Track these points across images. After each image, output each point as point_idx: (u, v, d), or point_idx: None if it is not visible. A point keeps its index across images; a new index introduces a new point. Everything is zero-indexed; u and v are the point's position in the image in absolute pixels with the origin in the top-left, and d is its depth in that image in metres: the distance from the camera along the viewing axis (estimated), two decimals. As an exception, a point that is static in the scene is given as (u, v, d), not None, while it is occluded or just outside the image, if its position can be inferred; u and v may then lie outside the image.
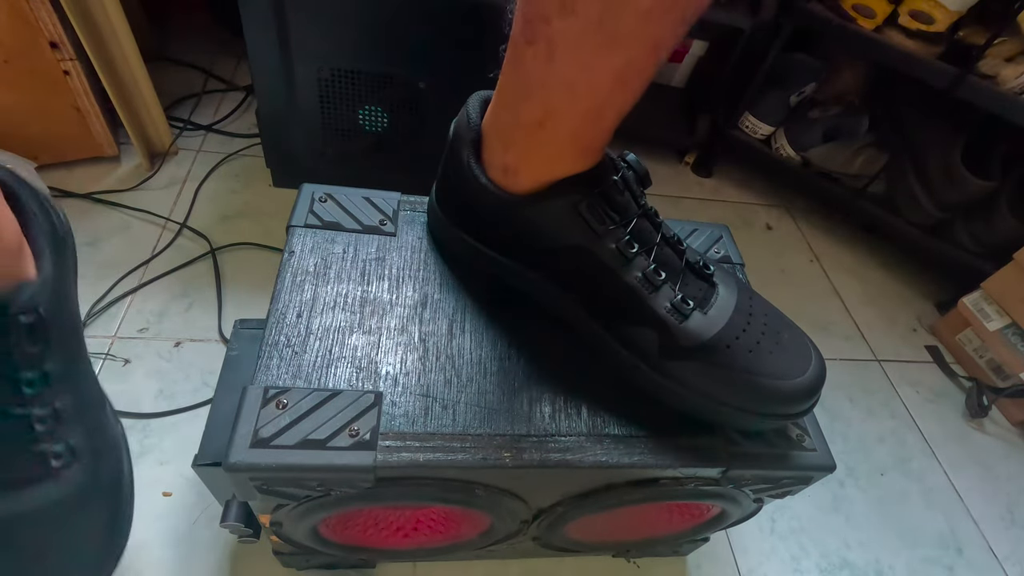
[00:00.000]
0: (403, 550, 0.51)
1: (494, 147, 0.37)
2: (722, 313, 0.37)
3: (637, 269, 0.36)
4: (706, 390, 0.36)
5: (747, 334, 0.36)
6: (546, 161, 0.35)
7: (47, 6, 0.68)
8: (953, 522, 0.73)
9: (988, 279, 0.88)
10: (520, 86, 0.33)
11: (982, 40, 0.81)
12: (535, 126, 0.33)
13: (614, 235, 0.36)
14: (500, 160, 0.37)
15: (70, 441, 0.35)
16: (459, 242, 0.42)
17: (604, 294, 0.37)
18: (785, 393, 0.35)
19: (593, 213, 0.35)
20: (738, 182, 1.17)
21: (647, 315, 0.36)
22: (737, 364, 0.35)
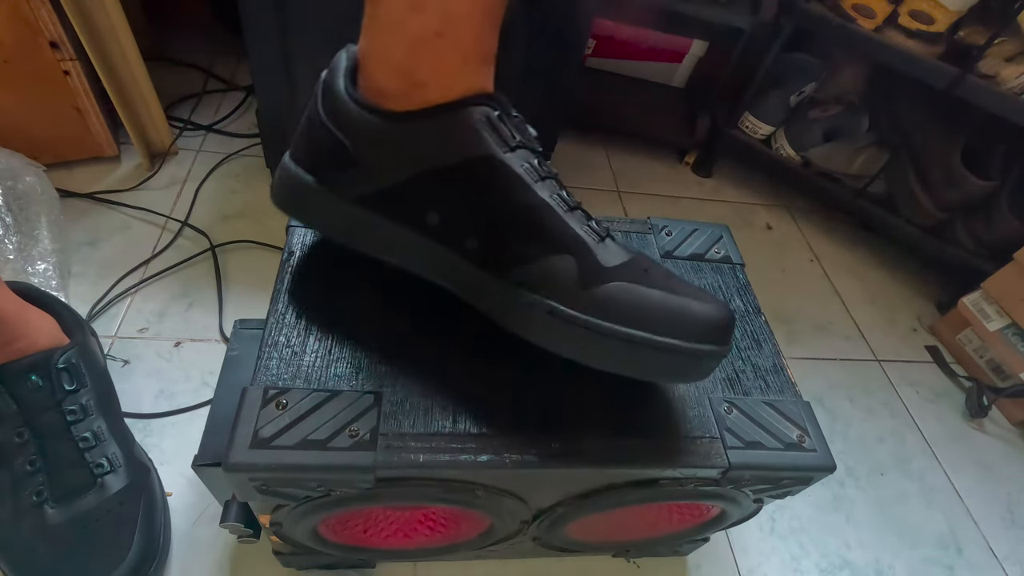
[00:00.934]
0: (403, 550, 0.51)
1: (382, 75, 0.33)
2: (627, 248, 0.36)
3: (549, 190, 0.34)
4: (632, 316, 0.32)
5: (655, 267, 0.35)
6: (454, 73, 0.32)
7: (47, 6, 0.68)
8: (953, 522, 0.73)
9: (988, 279, 0.88)
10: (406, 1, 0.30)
11: (982, 40, 0.81)
12: (434, 37, 0.31)
13: (523, 154, 0.34)
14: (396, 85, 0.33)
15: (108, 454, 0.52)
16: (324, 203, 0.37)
17: (512, 219, 0.34)
18: (708, 317, 0.32)
19: (504, 126, 0.33)
20: (738, 182, 1.17)
21: (565, 236, 0.33)
22: (658, 284, 0.33)
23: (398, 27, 0.31)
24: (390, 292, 0.41)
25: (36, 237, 0.70)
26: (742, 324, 0.46)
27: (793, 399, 0.42)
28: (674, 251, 0.50)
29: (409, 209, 0.35)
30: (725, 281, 0.49)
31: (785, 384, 0.43)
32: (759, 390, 0.42)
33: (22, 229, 0.69)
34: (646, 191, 1.10)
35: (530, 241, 0.34)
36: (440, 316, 0.41)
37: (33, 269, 0.68)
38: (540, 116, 0.86)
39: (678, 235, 0.52)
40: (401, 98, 0.33)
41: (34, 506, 0.49)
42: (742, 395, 0.41)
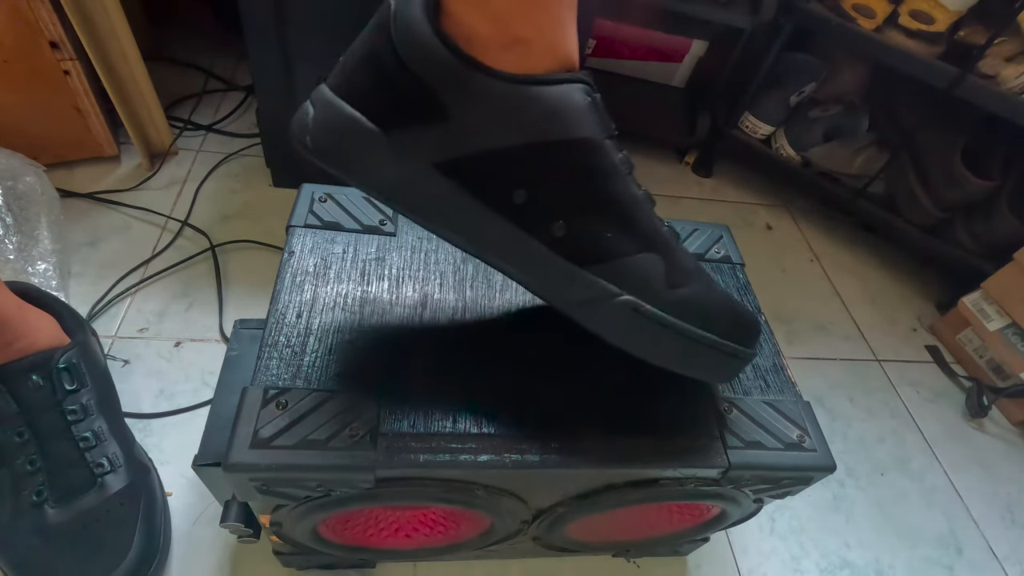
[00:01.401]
0: (403, 550, 0.51)
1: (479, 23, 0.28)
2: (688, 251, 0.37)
3: (636, 185, 0.33)
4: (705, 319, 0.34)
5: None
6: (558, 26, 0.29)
7: (47, 6, 0.68)
8: (953, 522, 0.73)
9: (988, 279, 0.88)
10: None
11: (982, 40, 0.81)
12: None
13: (614, 144, 0.32)
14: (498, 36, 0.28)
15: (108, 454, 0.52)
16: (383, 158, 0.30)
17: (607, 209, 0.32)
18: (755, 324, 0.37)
19: (604, 112, 0.32)
20: (738, 182, 1.17)
21: (656, 233, 0.33)
22: (718, 288, 0.36)
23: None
24: (391, 291, 0.41)
25: (36, 237, 0.70)
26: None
27: (793, 399, 0.42)
28: (674, 251, 0.50)
29: (497, 183, 0.31)
30: (725, 281, 0.49)
31: (785, 384, 0.43)
32: (759, 390, 0.42)
33: (22, 229, 0.69)
34: (646, 191, 1.10)
35: (623, 235, 0.32)
36: (440, 317, 0.41)
37: (33, 269, 0.68)
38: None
39: (678, 235, 0.52)
40: (496, 52, 0.28)
41: (34, 506, 0.49)
42: (742, 395, 0.41)
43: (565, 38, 0.30)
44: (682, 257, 0.34)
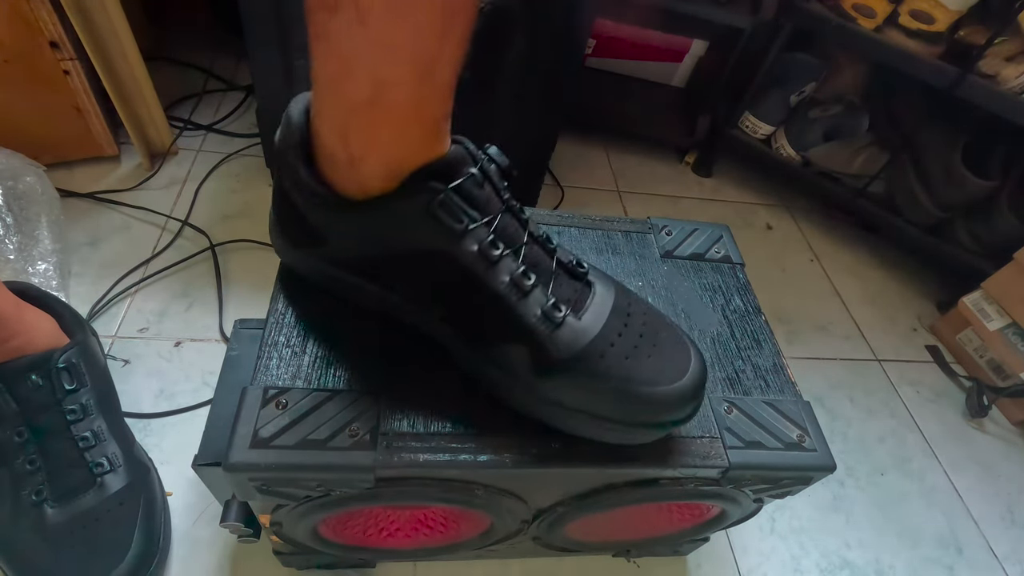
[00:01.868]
0: (403, 550, 0.51)
1: (330, 144, 0.31)
2: (597, 316, 0.34)
3: (504, 272, 0.33)
4: (582, 406, 0.34)
5: (623, 338, 0.34)
6: (392, 144, 0.30)
7: (47, 6, 0.68)
8: (953, 522, 0.73)
9: (988, 279, 0.88)
10: (335, 64, 0.28)
11: (982, 40, 0.81)
12: (366, 105, 0.28)
13: (475, 235, 0.32)
14: (341, 154, 0.31)
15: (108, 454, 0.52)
16: (306, 264, 0.39)
17: (469, 306, 0.34)
18: (666, 399, 0.33)
19: (449, 211, 0.31)
20: (738, 182, 1.17)
21: (516, 327, 0.33)
22: (612, 373, 0.33)
23: (333, 91, 0.30)
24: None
25: (36, 237, 0.70)
26: (742, 324, 0.46)
27: (793, 399, 0.42)
28: (674, 251, 0.50)
29: (379, 280, 0.36)
30: (725, 281, 0.49)
31: (785, 384, 0.43)
32: (759, 390, 0.42)
33: (22, 229, 0.69)
34: (646, 191, 1.10)
35: (487, 328, 0.34)
36: (440, 316, 0.41)
37: (33, 269, 0.68)
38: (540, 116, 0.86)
39: (678, 235, 0.52)
40: (346, 168, 0.32)
41: (34, 505, 0.49)
42: (742, 395, 0.41)
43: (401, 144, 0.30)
44: (557, 345, 0.33)
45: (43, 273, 0.68)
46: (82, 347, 0.54)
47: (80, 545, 0.48)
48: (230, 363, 0.41)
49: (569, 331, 0.33)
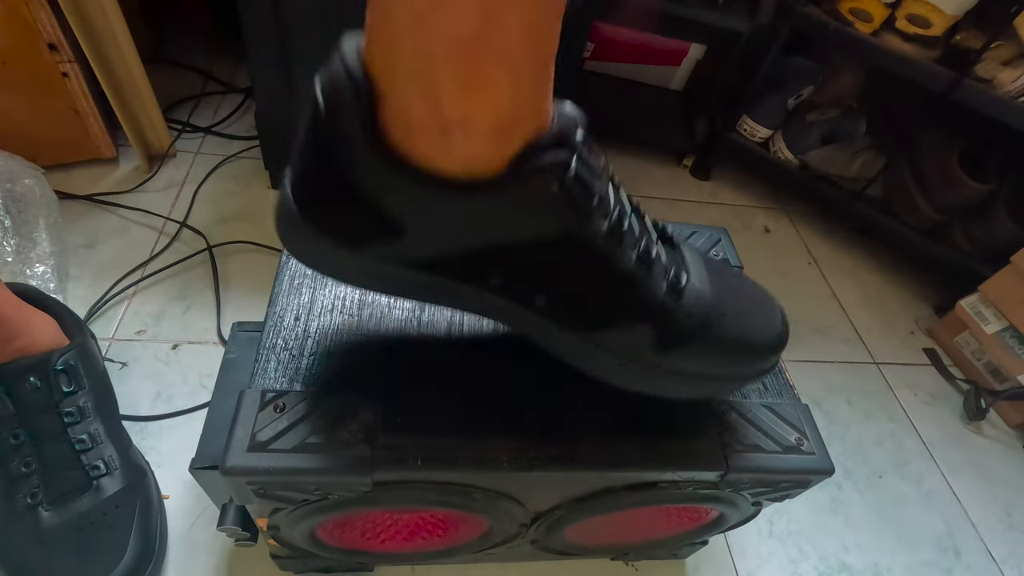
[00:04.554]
0: (401, 554, 0.50)
1: (410, 104, 0.23)
2: (702, 278, 0.32)
3: (631, 247, 0.29)
4: (708, 371, 0.33)
5: (727, 295, 0.33)
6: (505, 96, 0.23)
7: (46, 8, 0.68)
8: (951, 525, 0.73)
9: (986, 282, 0.89)
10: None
11: (979, 44, 0.81)
12: (472, 42, 0.21)
13: (603, 210, 0.27)
14: (430, 118, 0.23)
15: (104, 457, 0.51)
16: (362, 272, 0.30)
17: (586, 293, 0.30)
18: (773, 343, 0.35)
19: (581, 184, 0.26)
20: (736, 185, 1.18)
21: (643, 306, 0.30)
22: (733, 332, 0.33)
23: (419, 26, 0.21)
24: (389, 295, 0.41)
25: (34, 240, 0.70)
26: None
27: (791, 402, 0.42)
28: (672, 254, 0.50)
29: (470, 271, 0.30)
30: (723, 284, 0.49)
31: (784, 387, 0.43)
32: (757, 393, 0.42)
33: (20, 232, 0.69)
34: (644, 194, 1.10)
35: (607, 309, 0.31)
36: (439, 319, 0.41)
37: (31, 271, 0.68)
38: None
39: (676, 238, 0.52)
40: (437, 136, 0.24)
41: (29, 508, 0.48)
42: (740, 398, 0.41)
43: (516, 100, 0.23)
44: (684, 319, 0.31)
45: (41, 275, 0.68)
46: (81, 349, 0.54)
47: (76, 548, 0.48)
48: (228, 366, 0.40)
49: (692, 297, 0.31)
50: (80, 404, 0.51)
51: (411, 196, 0.26)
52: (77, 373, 0.52)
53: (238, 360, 0.40)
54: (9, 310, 0.50)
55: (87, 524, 0.49)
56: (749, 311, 0.35)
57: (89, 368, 0.54)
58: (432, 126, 0.23)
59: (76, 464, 0.50)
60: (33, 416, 0.49)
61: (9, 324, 0.49)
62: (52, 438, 0.50)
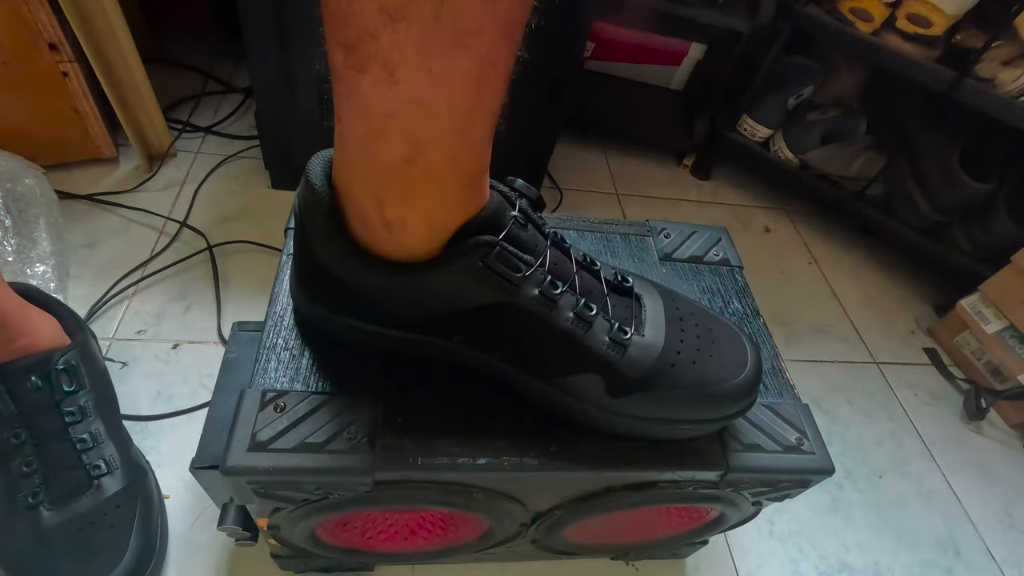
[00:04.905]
0: (401, 553, 0.50)
1: (363, 206, 0.29)
2: (657, 328, 0.35)
3: (566, 309, 0.33)
4: (662, 416, 0.35)
5: (685, 344, 0.35)
6: (432, 205, 0.29)
7: (46, 8, 0.68)
8: (951, 524, 0.73)
9: (986, 282, 0.89)
10: (366, 124, 0.26)
11: (980, 43, 0.81)
12: (403, 165, 0.27)
13: (533, 279, 0.32)
14: (377, 218, 0.29)
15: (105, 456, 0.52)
16: (350, 330, 0.36)
17: (535, 348, 0.34)
18: (739, 391, 0.35)
19: (505, 261, 0.30)
20: (736, 185, 1.18)
21: (586, 358, 0.33)
22: (686, 381, 0.34)
23: (365, 152, 0.27)
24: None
25: (35, 239, 0.70)
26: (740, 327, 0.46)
27: (792, 402, 0.42)
28: (672, 253, 0.50)
29: (437, 333, 0.35)
30: (723, 283, 0.49)
31: (784, 387, 0.43)
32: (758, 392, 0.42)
33: (21, 231, 0.69)
34: (644, 193, 1.10)
35: (555, 363, 0.34)
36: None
37: (32, 271, 0.68)
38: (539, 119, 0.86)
39: (676, 237, 0.52)
40: (383, 232, 0.30)
41: (30, 508, 0.48)
42: (740, 398, 0.41)
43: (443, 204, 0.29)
44: (629, 367, 0.33)
45: (41, 275, 0.68)
46: (82, 349, 0.54)
47: (76, 548, 0.48)
48: (228, 365, 0.40)
49: (637, 350, 0.34)
50: (81, 403, 0.51)
51: (369, 276, 0.32)
52: (78, 372, 0.52)
53: (238, 360, 0.40)
54: (11, 309, 0.50)
55: (88, 524, 0.49)
56: (709, 359, 0.35)
57: (90, 367, 0.54)
58: (379, 223, 0.30)
59: (77, 464, 0.50)
60: (34, 415, 0.49)
61: (11, 323, 0.49)
62: (53, 438, 0.50)
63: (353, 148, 0.28)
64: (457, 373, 0.38)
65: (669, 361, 0.34)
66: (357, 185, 0.29)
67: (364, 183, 0.29)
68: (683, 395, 0.34)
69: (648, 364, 0.34)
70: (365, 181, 0.29)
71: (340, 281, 0.33)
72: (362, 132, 0.27)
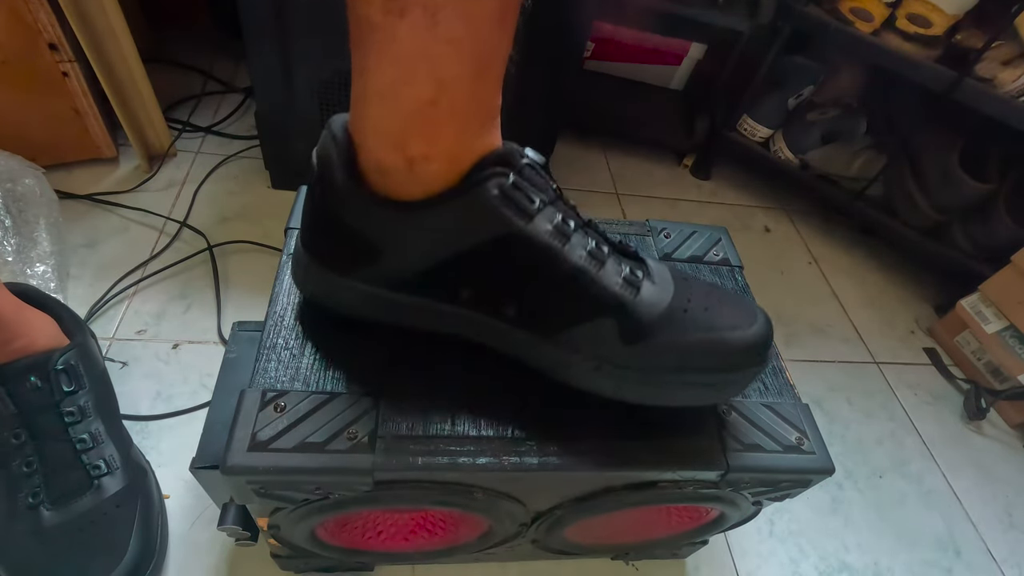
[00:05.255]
0: (401, 553, 0.50)
1: (382, 153, 0.31)
2: (665, 283, 0.35)
3: (580, 246, 0.33)
4: (676, 364, 0.34)
5: (694, 297, 0.35)
6: (455, 140, 0.31)
7: (46, 8, 0.68)
8: (951, 524, 0.73)
9: (986, 282, 0.89)
10: (395, 70, 0.28)
11: (980, 43, 0.81)
12: (428, 106, 0.29)
13: (547, 214, 0.32)
14: (398, 161, 0.31)
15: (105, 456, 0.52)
16: (355, 299, 0.36)
17: (546, 291, 0.33)
18: (751, 341, 0.34)
19: (522, 192, 0.32)
20: (736, 184, 1.18)
21: (601, 299, 0.33)
22: (700, 325, 0.34)
23: (390, 100, 0.29)
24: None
25: (35, 239, 0.70)
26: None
27: (792, 401, 0.42)
28: (672, 253, 0.50)
29: (443, 288, 0.35)
30: (723, 283, 0.49)
31: (784, 386, 0.43)
32: (758, 392, 0.42)
33: (21, 231, 0.69)
34: (644, 193, 1.10)
35: (568, 308, 0.34)
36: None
37: (32, 271, 0.68)
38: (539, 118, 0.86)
39: (676, 237, 0.52)
40: (405, 173, 0.31)
41: (30, 508, 0.48)
42: (741, 397, 0.41)
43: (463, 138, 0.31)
44: (644, 308, 0.34)
45: (41, 275, 0.68)
46: (81, 349, 0.54)
47: (77, 548, 0.48)
48: (228, 365, 0.40)
49: (650, 293, 0.34)
50: (81, 404, 0.51)
51: (385, 220, 0.33)
52: (77, 373, 0.52)
53: (238, 360, 0.40)
54: (7, 311, 0.50)
55: (88, 524, 0.49)
56: (719, 307, 0.35)
57: (89, 368, 0.54)
58: (401, 164, 0.31)
59: (77, 464, 0.50)
60: (34, 416, 0.49)
61: (8, 325, 0.49)
62: (53, 438, 0.50)
63: (377, 98, 0.29)
64: (458, 372, 0.38)
65: (681, 307, 0.34)
66: (376, 135, 0.31)
67: (387, 130, 0.30)
68: (697, 339, 0.34)
69: (662, 306, 0.34)
70: (388, 128, 0.30)
71: (353, 234, 0.33)
72: (390, 79, 0.28)
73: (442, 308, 0.35)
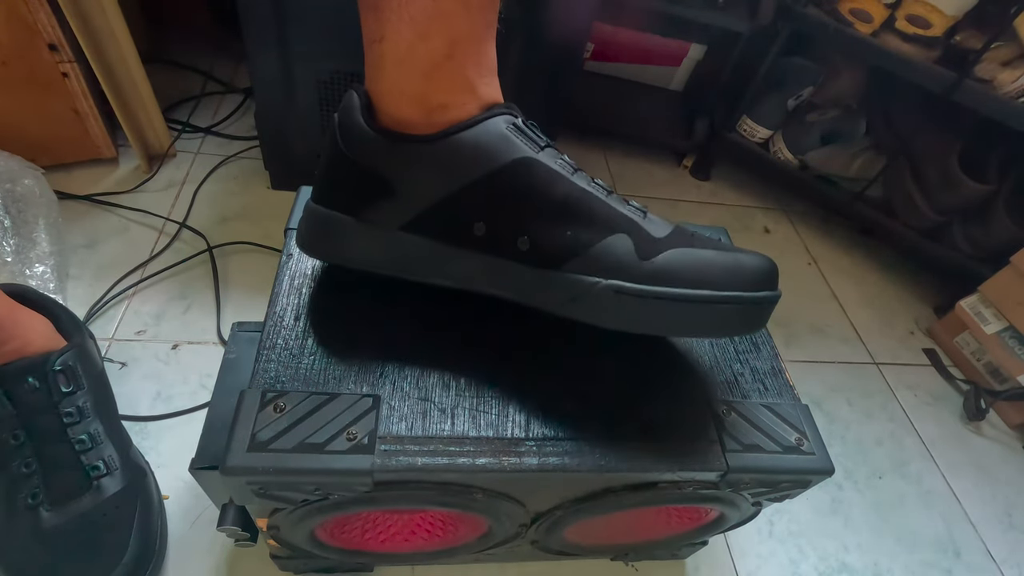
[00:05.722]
0: (401, 554, 0.50)
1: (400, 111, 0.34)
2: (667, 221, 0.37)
3: (583, 180, 0.36)
4: (694, 278, 0.34)
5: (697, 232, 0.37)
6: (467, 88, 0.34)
7: (46, 8, 0.68)
8: (951, 525, 0.73)
9: (985, 282, 0.89)
10: (412, 31, 0.32)
11: (979, 44, 0.81)
12: (444, 60, 0.32)
13: (551, 153, 0.36)
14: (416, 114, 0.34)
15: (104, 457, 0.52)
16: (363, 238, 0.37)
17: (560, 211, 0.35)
18: (760, 266, 0.35)
19: (530, 130, 0.35)
20: (736, 185, 1.18)
21: (614, 217, 0.35)
22: (709, 245, 0.35)
23: (408, 59, 0.32)
24: (388, 293, 0.41)
25: (34, 240, 0.70)
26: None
27: (792, 402, 0.42)
28: (672, 254, 0.50)
29: (456, 225, 0.36)
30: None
31: (784, 387, 0.43)
32: (757, 393, 0.42)
33: (20, 232, 0.69)
34: (644, 194, 1.10)
35: (582, 228, 0.35)
36: (439, 318, 0.41)
37: (31, 271, 0.68)
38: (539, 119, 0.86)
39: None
40: (424, 124, 0.34)
41: (29, 509, 0.48)
42: (740, 398, 0.41)
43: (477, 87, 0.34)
44: (652, 228, 0.35)
45: (40, 275, 0.68)
46: (79, 350, 0.54)
47: (76, 549, 0.48)
48: (228, 366, 0.40)
49: (655, 218, 0.36)
50: (79, 404, 0.51)
51: (400, 155, 0.35)
52: (75, 373, 0.52)
53: (238, 360, 0.40)
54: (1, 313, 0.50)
55: (87, 524, 0.49)
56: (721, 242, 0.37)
57: (88, 368, 0.54)
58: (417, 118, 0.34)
59: (76, 464, 0.50)
60: (32, 417, 0.49)
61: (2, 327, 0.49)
62: (52, 438, 0.50)
63: (395, 60, 0.33)
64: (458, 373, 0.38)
65: (688, 233, 0.36)
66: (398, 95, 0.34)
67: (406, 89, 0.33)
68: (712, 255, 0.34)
69: (669, 227, 0.36)
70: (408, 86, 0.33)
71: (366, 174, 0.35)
72: (407, 40, 0.32)
73: (456, 252, 0.36)
